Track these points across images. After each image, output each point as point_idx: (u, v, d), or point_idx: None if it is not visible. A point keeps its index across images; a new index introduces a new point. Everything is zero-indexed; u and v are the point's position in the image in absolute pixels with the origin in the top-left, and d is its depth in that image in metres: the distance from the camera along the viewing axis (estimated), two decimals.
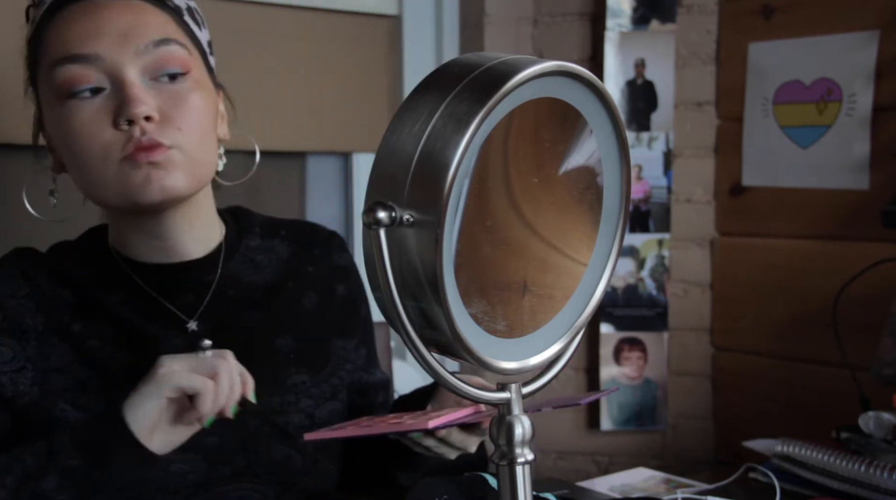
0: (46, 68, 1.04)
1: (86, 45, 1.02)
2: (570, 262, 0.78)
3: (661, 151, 2.04)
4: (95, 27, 1.02)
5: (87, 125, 1.02)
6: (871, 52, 1.80)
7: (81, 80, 1.02)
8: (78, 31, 1.02)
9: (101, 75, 1.02)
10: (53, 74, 1.02)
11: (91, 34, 1.02)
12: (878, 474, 1.24)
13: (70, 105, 1.02)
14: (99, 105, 1.02)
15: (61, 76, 1.02)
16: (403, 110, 0.70)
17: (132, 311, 1.10)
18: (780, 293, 1.96)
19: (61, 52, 1.02)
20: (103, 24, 1.03)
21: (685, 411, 2.09)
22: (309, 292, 1.21)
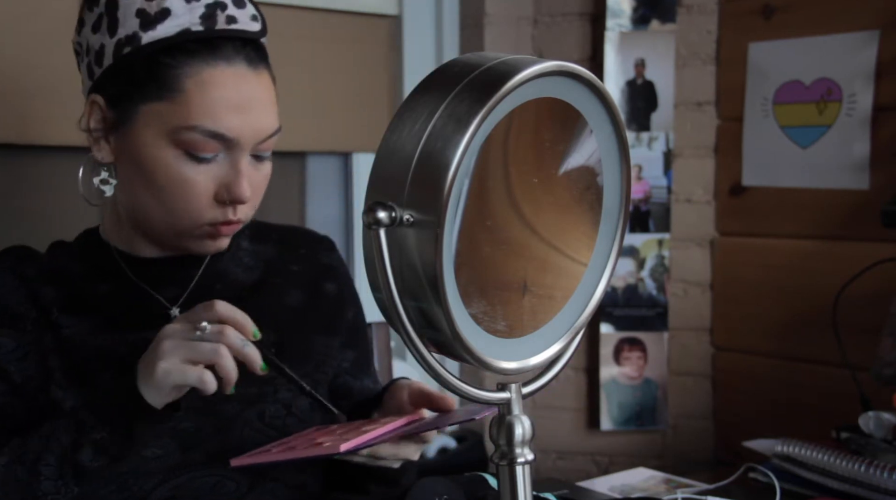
0: (177, 120, 1.05)
1: (231, 126, 1.05)
2: (570, 262, 0.78)
3: (661, 151, 2.04)
4: (240, 107, 1.06)
5: (193, 187, 1.07)
6: (871, 52, 1.80)
7: (208, 151, 1.06)
8: (228, 108, 1.05)
9: (225, 148, 1.07)
10: (188, 134, 1.05)
11: (237, 114, 1.06)
12: (878, 474, 1.24)
13: (185, 160, 1.06)
14: (209, 171, 1.07)
15: (193, 140, 1.05)
16: (403, 110, 0.70)
17: (118, 301, 1.14)
18: (780, 293, 1.96)
19: (206, 124, 1.05)
20: (246, 104, 1.07)
21: (685, 411, 2.09)
22: (293, 290, 1.24)
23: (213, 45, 1.06)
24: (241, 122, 1.06)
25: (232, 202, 1.08)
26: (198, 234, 1.10)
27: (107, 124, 1.10)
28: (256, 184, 1.11)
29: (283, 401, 1.16)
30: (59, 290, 1.14)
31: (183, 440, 1.09)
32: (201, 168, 1.06)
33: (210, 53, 1.05)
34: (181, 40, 1.05)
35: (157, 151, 1.06)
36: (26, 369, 1.09)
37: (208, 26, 1.05)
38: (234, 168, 1.07)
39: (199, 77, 1.05)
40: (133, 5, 1.06)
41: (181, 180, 1.06)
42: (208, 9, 1.06)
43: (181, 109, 1.05)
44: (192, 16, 1.05)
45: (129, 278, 1.15)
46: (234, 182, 1.07)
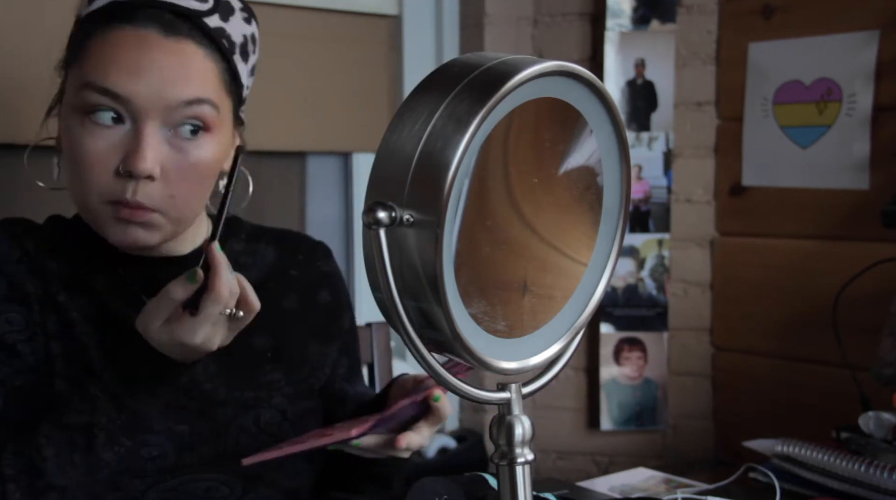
0: (78, 79, 1.04)
1: (123, 83, 1.02)
2: (570, 262, 0.78)
3: (661, 151, 2.04)
4: (137, 67, 1.02)
5: (94, 155, 1.03)
6: (871, 52, 1.80)
7: (105, 108, 1.02)
8: (120, 65, 1.02)
9: (126, 112, 1.03)
10: (83, 93, 1.03)
11: (132, 73, 1.02)
12: (878, 474, 1.24)
13: (87, 124, 1.03)
14: (112, 139, 1.03)
15: (89, 99, 1.02)
16: (403, 110, 0.70)
17: (114, 294, 1.12)
18: (780, 293, 1.96)
19: (97, 80, 1.02)
20: (146, 66, 1.03)
21: (685, 411, 2.09)
22: (290, 294, 1.23)
23: (130, 11, 1.04)
24: (137, 84, 1.01)
25: (128, 174, 1.02)
26: (105, 215, 1.05)
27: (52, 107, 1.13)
28: (177, 167, 1.04)
29: (278, 407, 1.16)
30: (62, 265, 1.11)
31: (178, 442, 1.09)
32: (102, 134, 1.02)
33: (123, 19, 1.04)
34: (110, 9, 1.05)
35: (67, 118, 1.05)
36: (36, 351, 1.07)
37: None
38: (135, 137, 1.02)
39: (102, 37, 1.04)
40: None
41: (81, 148, 1.03)
42: None
43: (82, 69, 1.04)
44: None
45: (122, 276, 1.13)
46: (131, 151, 1.01)
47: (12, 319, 1.07)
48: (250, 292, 1.01)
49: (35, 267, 1.10)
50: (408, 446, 1.05)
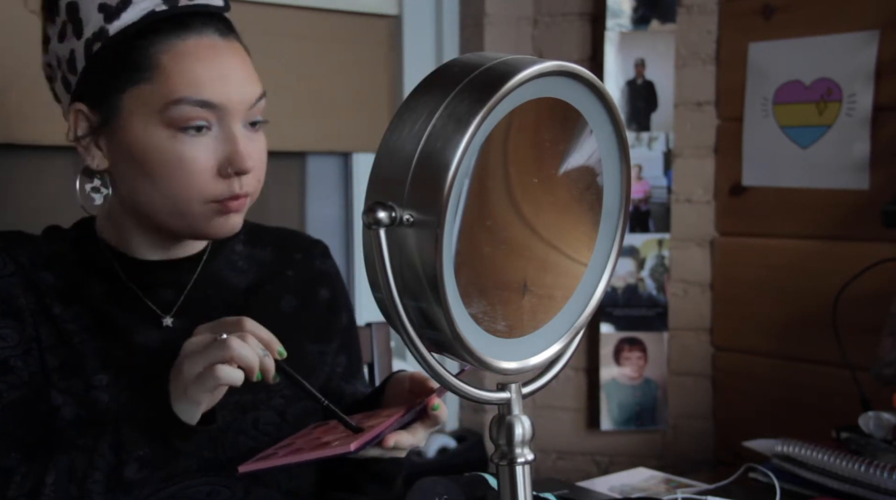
0: (162, 97, 1.04)
1: (217, 92, 1.05)
2: (570, 262, 0.78)
3: (661, 151, 2.04)
4: (222, 74, 1.06)
5: (192, 163, 1.05)
6: (871, 52, 1.80)
7: (197, 119, 1.05)
8: (210, 75, 1.05)
9: (213, 118, 1.06)
10: (175, 109, 1.04)
11: (221, 81, 1.06)
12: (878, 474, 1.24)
13: (180, 136, 1.05)
14: (206, 145, 1.06)
15: (182, 113, 1.04)
16: (403, 110, 0.70)
17: (112, 302, 1.12)
18: (780, 293, 1.96)
19: (192, 94, 1.04)
20: (228, 72, 1.07)
21: (685, 411, 2.09)
22: (287, 295, 1.23)
23: (180, 22, 1.06)
24: (224, 89, 1.05)
25: (236, 173, 1.07)
26: (207, 213, 1.08)
27: (94, 128, 1.09)
28: (256, 155, 1.09)
29: (276, 408, 1.16)
30: (57, 277, 1.12)
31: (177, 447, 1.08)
32: (197, 142, 1.05)
33: (179, 29, 1.05)
34: (148, 22, 1.05)
35: (150, 135, 1.05)
36: (31, 365, 1.07)
37: (172, 4, 1.06)
38: (229, 138, 1.06)
39: (173, 51, 1.05)
40: (93, 3, 1.06)
41: (179, 159, 1.05)
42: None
43: (163, 85, 1.04)
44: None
45: (122, 280, 1.13)
46: (234, 151, 1.06)
47: (5, 334, 1.07)
48: None
49: (28, 280, 1.10)
50: (396, 444, 1.05)
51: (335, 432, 1.04)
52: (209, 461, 1.10)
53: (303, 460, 0.98)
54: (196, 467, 1.10)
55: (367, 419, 1.05)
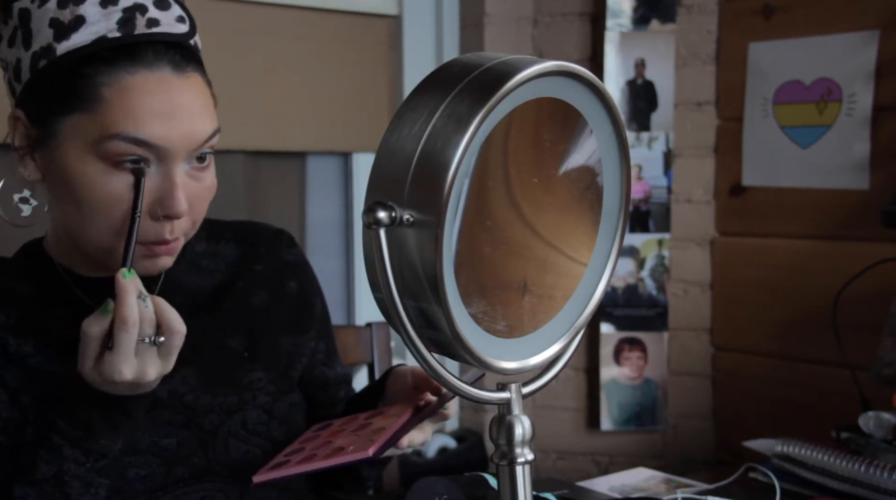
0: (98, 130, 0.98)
1: (157, 133, 0.98)
2: (570, 262, 0.78)
3: (661, 151, 2.04)
4: (166, 113, 0.99)
5: (120, 201, 0.99)
6: (871, 52, 1.80)
7: (131, 155, 0.99)
8: (151, 114, 0.98)
9: (154, 156, 1.00)
10: (109, 144, 0.98)
11: (163, 120, 0.99)
12: (878, 474, 1.24)
13: (111, 170, 0.99)
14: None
15: (118, 149, 0.98)
16: (403, 110, 0.70)
17: (74, 325, 1.02)
18: (780, 293, 1.96)
19: (129, 131, 0.98)
20: (173, 110, 1.00)
21: (685, 411, 2.09)
22: (258, 291, 1.20)
23: (132, 52, 0.99)
24: (167, 129, 0.98)
25: (166, 217, 1.00)
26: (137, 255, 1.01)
27: (31, 141, 1.04)
28: (196, 195, 1.03)
29: (263, 406, 1.14)
30: (9, 314, 1.07)
31: (166, 457, 1.07)
32: (128, 179, 0.98)
33: (129, 60, 0.98)
34: (97, 48, 0.98)
35: (83, 165, 0.99)
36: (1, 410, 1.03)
37: (126, 32, 0.99)
38: (166, 180, 1.00)
39: (118, 85, 0.98)
40: (46, 15, 1.00)
41: (108, 196, 0.99)
42: (126, 13, 0.99)
43: (102, 118, 0.98)
44: (109, 22, 0.99)
45: (81, 300, 1.08)
46: (168, 194, 0.99)
47: None
48: (171, 316, 0.96)
49: None
50: (410, 443, 1.06)
51: (343, 434, 1.04)
52: (201, 469, 1.09)
53: (321, 467, 0.97)
54: (188, 474, 1.08)
55: (375, 417, 1.05)
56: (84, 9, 0.99)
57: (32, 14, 1.01)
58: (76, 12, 0.99)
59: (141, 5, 1.01)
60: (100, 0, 1.00)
